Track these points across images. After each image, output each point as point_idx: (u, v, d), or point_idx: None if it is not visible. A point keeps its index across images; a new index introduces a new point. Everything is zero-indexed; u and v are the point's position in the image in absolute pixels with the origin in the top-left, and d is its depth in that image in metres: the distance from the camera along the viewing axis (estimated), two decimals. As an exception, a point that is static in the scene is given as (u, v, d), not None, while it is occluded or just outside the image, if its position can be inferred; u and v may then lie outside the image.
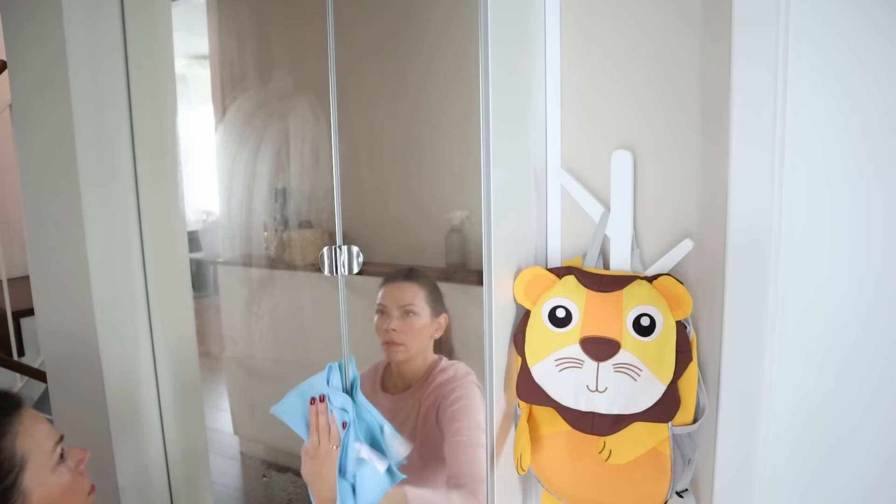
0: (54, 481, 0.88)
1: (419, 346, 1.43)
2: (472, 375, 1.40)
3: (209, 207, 2.67)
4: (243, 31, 2.39)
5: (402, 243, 1.88)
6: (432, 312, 1.45)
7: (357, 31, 1.83)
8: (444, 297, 1.50)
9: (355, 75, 1.79)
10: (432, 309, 1.45)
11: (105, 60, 1.23)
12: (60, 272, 1.26)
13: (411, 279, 1.46)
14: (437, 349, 1.48)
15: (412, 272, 1.48)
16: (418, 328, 1.43)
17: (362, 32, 1.84)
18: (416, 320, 1.42)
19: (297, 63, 2.15)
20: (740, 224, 1.02)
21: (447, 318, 1.48)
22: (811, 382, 1.08)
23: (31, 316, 2.69)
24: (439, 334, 1.47)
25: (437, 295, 1.48)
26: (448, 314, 1.49)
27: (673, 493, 1.08)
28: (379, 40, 1.88)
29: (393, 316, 1.42)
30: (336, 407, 1.05)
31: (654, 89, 1.12)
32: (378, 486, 1.05)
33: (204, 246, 2.66)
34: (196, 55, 2.50)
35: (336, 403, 1.05)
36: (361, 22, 1.86)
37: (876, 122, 0.99)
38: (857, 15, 0.98)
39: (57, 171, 1.22)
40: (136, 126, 1.28)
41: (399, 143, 1.92)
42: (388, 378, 1.50)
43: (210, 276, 2.55)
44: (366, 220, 1.83)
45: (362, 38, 1.83)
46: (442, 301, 1.48)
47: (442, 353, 1.49)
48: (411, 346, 1.42)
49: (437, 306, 1.47)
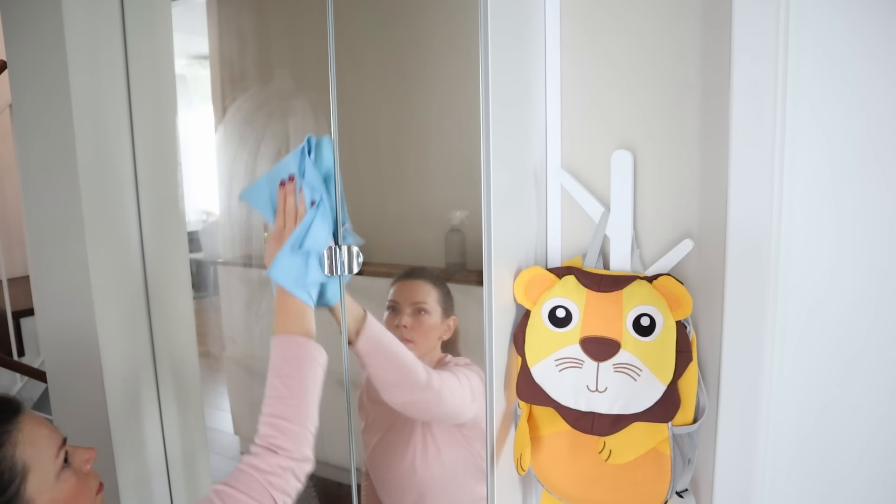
0: (60, 487, 0.84)
1: (428, 346, 1.43)
2: (475, 367, 1.40)
3: (210, 208, 2.67)
4: (243, 31, 2.39)
5: (401, 243, 1.88)
6: (443, 313, 1.45)
7: (357, 30, 1.83)
8: (454, 300, 1.50)
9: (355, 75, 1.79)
10: (443, 310, 1.46)
11: (105, 60, 1.23)
12: (60, 272, 1.26)
13: (424, 278, 1.46)
14: (443, 350, 1.48)
15: (425, 271, 1.48)
16: (428, 326, 1.42)
17: (362, 32, 1.84)
18: (427, 318, 1.42)
19: (297, 63, 2.15)
20: (740, 224, 1.02)
21: (456, 322, 1.48)
22: (815, 385, 1.07)
23: (31, 316, 2.69)
24: (448, 336, 1.47)
25: (449, 297, 1.48)
26: (456, 318, 1.49)
27: (673, 493, 1.08)
28: (379, 40, 1.88)
29: (405, 312, 1.42)
30: (306, 183, 1.00)
31: (654, 90, 1.12)
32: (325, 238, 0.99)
33: (204, 246, 2.66)
34: (196, 55, 2.50)
35: (308, 179, 0.99)
36: (361, 21, 1.86)
37: (881, 118, 0.98)
38: (858, 9, 0.97)
39: (57, 171, 1.22)
40: (136, 126, 1.29)
41: (399, 143, 1.92)
42: None
43: (210, 277, 2.55)
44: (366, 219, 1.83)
45: (362, 38, 1.83)
46: (452, 304, 1.49)
47: (448, 353, 1.49)
48: (421, 344, 1.42)
49: (448, 308, 1.47)
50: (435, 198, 1.86)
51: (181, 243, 1.42)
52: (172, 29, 1.37)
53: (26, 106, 1.26)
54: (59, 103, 1.19)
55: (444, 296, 1.47)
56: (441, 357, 1.45)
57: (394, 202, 1.92)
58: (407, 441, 1.40)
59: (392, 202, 1.93)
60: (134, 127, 1.28)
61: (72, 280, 1.24)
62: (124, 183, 1.28)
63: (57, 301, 1.29)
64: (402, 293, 1.44)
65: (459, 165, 1.74)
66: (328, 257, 1.02)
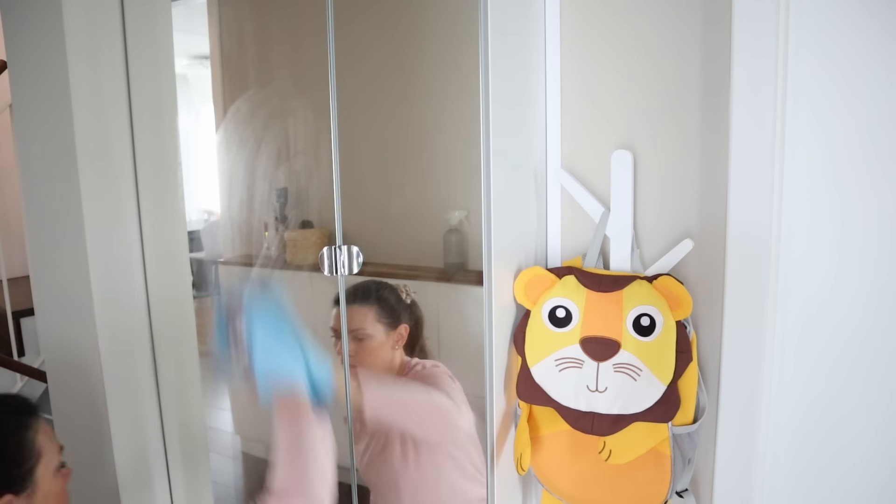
0: (55, 482, 0.96)
1: (378, 365, 1.37)
2: (442, 366, 1.36)
3: (211, 207, 2.67)
4: (244, 32, 2.39)
5: (401, 243, 1.88)
6: (387, 328, 1.37)
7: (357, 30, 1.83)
8: (401, 302, 1.41)
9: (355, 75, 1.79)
10: (386, 325, 1.38)
11: (105, 60, 1.23)
12: (60, 272, 1.26)
13: (358, 300, 1.37)
14: (409, 352, 1.43)
15: (358, 290, 1.39)
16: (372, 349, 1.36)
17: (362, 32, 1.84)
18: (370, 342, 1.35)
19: (298, 63, 2.16)
20: (740, 224, 1.02)
21: (407, 327, 1.41)
22: (815, 385, 1.07)
23: (31, 316, 2.68)
24: (401, 344, 1.40)
25: (391, 307, 1.39)
26: (412, 318, 1.42)
27: (673, 493, 1.08)
28: (379, 40, 1.88)
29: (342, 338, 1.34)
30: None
31: (654, 89, 1.12)
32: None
33: (206, 246, 2.66)
34: (198, 55, 2.50)
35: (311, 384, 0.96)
36: (361, 21, 1.86)
37: (882, 117, 0.98)
38: (858, 7, 0.97)
39: (57, 171, 1.22)
40: (136, 126, 1.28)
41: (399, 143, 1.92)
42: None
43: (212, 276, 2.55)
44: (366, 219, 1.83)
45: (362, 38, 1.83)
46: (397, 310, 1.40)
47: (415, 355, 1.44)
48: (369, 365, 1.35)
49: (392, 320, 1.39)
50: (434, 198, 1.85)
51: (181, 243, 1.42)
52: (172, 29, 1.37)
53: (26, 106, 1.25)
54: (59, 103, 1.19)
55: (385, 310, 1.38)
56: (406, 362, 1.40)
57: (393, 202, 1.92)
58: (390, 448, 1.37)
59: (392, 202, 1.93)
60: (134, 127, 1.28)
61: (72, 280, 1.24)
62: (124, 183, 1.28)
63: (57, 301, 1.29)
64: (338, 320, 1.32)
65: (459, 165, 1.74)
66: (328, 257, 1.03)
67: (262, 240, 2.36)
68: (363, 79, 1.84)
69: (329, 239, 2.12)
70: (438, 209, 1.80)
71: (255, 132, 2.29)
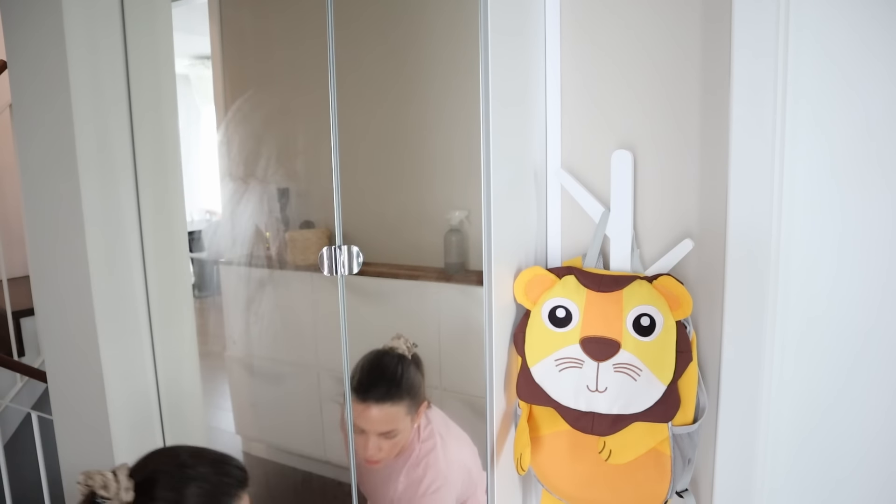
0: None
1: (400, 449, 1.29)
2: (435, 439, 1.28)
3: (212, 207, 2.67)
4: (244, 32, 2.39)
5: (401, 243, 1.88)
6: (413, 417, 1.28)
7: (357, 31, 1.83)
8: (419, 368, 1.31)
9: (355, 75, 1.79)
10: (413, 415, 1.28)
11: (105, 60, 1.23)
12: (60, 272, 1.26)
13: (391, 399, 1.24)
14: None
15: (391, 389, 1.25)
16: (398, 441, 1.26)
17: (362, 32, 1.84)
18: (399, 437, 1.26)
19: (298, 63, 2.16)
20: (740, 224, 1.02)
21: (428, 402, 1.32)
22: (816, 385, 1.07)
23: (31, 316, 2.69)
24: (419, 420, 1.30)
25: (416, 390, 1.29)
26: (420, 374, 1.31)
27: (673, 493, 1.08)
28: (379, 40, 1.88)
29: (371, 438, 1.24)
30: None
31: (654, 88, 1.12)
32: None
33: (207, 246, 2.66)
34: (199, 55, 2.50)
35: None
36: (361, 22, 1.86)
37: (882, 116, 0.98)
38: (858, 6, 0.97)
39: (57, 171, 1.22)
40: (136, 126, 1.28)
41: (399, 143, 1.92)
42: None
43: (213, 276, 2.55)
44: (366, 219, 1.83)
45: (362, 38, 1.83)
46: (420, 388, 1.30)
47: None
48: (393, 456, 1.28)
49: (417, 403, 1.29)
50: (434, 198, 1.85)
51: (181, 243, 1.42)
52: (173, 29, 1.37)
53: (26, 105, 1.26)
54: (59, 103, 1.19)
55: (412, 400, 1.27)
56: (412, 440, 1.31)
57: (393, 202, 1.92)
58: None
59: (391, 202, 1.92)
60: (134, 127, 1.28)
61: (72, 280, 1.24)
62: (124, 183, 1.28)
63: (57, 301, 1.29)
64: (367, 420, 1.23)
65: (459, 165, 1.74)
66: (328, 257, 1.03)
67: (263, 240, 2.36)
68: (363, 79, 1.84)
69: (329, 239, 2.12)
70: (439, 209, 1.80)
71: (256, 132, 2.29)
